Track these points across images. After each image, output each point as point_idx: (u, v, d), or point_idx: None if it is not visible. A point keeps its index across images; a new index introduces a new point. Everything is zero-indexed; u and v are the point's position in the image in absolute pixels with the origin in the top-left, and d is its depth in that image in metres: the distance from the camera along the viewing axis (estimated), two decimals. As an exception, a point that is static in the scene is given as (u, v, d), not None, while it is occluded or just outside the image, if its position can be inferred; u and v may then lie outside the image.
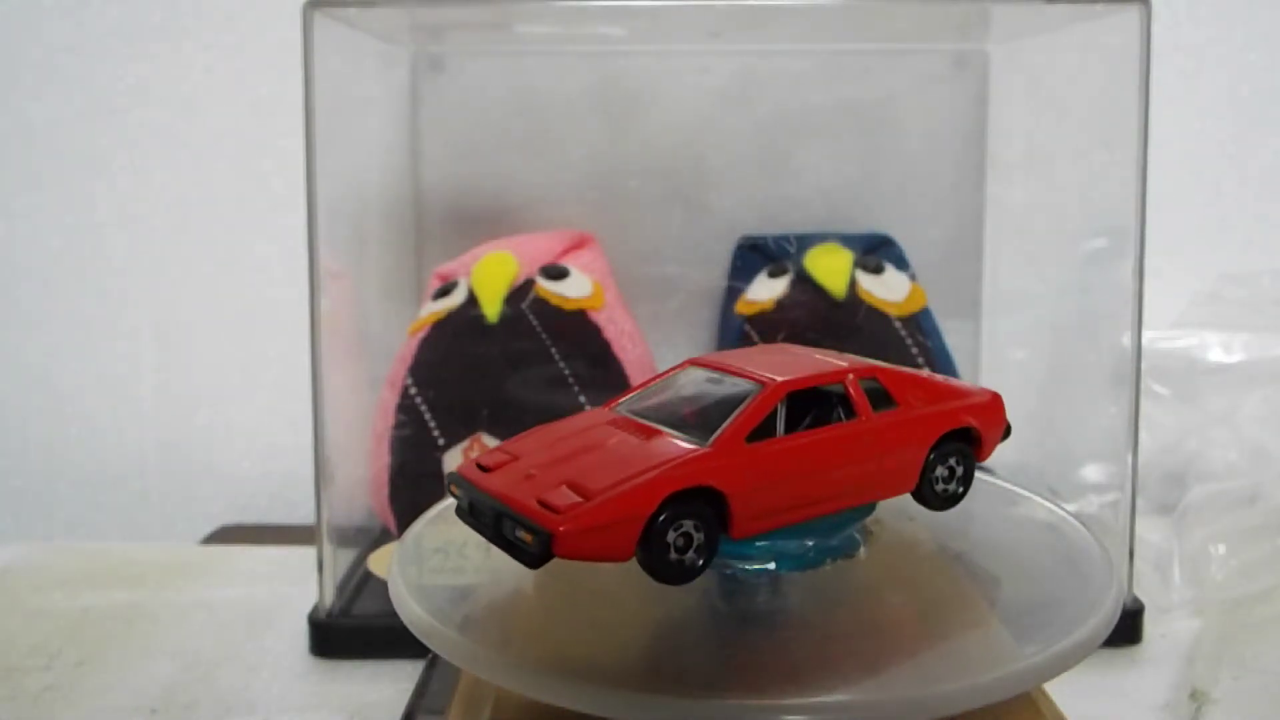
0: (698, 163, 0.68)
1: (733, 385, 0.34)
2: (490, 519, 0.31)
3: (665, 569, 0.31)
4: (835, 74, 0.67)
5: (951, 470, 0.36)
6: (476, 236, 0.64)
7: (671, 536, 0.30)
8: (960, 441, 0.36)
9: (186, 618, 0.56)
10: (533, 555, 0.29)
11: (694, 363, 0.37)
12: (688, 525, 0.30)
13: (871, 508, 0.36)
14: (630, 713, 0.28)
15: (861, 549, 0.36)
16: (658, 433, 0.33)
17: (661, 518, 0.30)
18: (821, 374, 0.34)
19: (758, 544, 0.34)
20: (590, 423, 0.35)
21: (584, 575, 0.36)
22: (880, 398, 0.35)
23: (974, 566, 0.36)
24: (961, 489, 0.36)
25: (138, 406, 0.77)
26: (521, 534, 0.30)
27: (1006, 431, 0.37)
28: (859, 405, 0.34)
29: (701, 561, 0.31)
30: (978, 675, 0.29)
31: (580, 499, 0.29)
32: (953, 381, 0.37)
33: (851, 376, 0.34)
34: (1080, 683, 0.48)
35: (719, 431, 0.32)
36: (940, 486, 0.36)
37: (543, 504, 0.30)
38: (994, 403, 0.37)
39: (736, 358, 0.37)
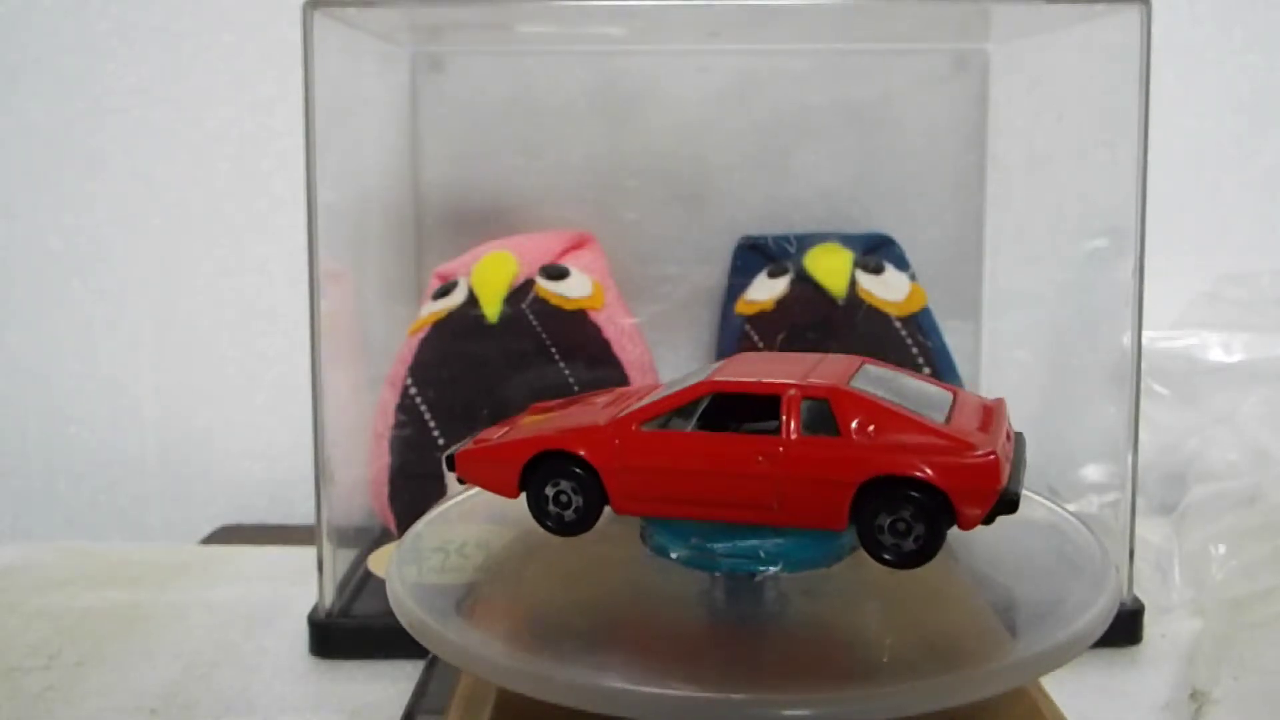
0: (698, 163, 0.67)
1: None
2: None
3: (542, 517, 0.35)
4: (835, 74, 0.67)
5: (908, 525, 0.31)
6: (476, 236, 0.64)
7: (551, 491, 0.35)
8: (921, 495, 0.31)
9: (186, 618, 0.56)
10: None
11: (735, 358, 0.38)
12: (565, 486, 0.34)
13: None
14: (631, 711, 0.28)
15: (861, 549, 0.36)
16: (613, 405, 0.36)
17: (536, 471, 0.35)
18: (758, 383, 0.34)
19: (757, 545, 0.34)
20: (608, 392, 0.40)
21: (585, 577, 0.36)
22: (826, 421, 0.33)
23: (973, 565, 0.36)
24: (914, 550, 0.31)
25: (138, 406, 0.77)
26: None
27: (1006, 503, 0.31)
28: (785, 423, 0.32)
29: (576, 521, 0.35)
30: (972, 669, 0.29)
31: (488, 440, 0.36)
32: (942, 428, 0.32)
33: (793, 393, 0.33)
34: (1080, 683, 0.48)
35: (622, 411, 0.35)
36: (887, 539, 0.31)
37: (475, 439, 0.37)
38: (980, 466, 0.30)
39: (753, 359, 0.37)
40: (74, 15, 0.74)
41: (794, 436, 0.32)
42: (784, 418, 0.33)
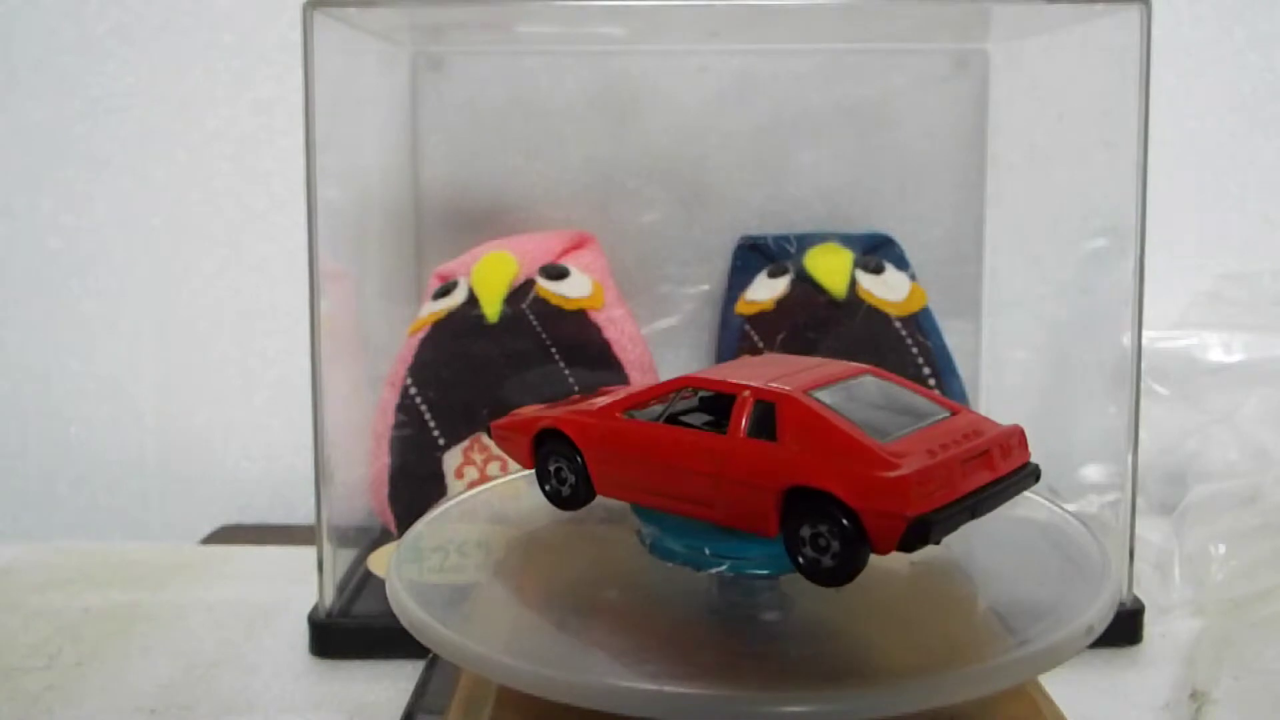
0: (698, 163, 0.67)
1: None
2: None
3: (544, 488, 0.38)
4: (835, 74, 0.67)
5: (826, 541, 0.30)
6: (476, 236, 0.64)
7: (552, 467, 0.38)
8: (836, 510, 0.30)
9: (186, 618, 0.56)
10: None
11: (745, 359, 0.39)
12: (562, 463, 0.37)
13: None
14: (631, 709, 0.28)
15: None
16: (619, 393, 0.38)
17: (541, 447, 0.38)
18: (721, 381, 0.34)
19: (704, 542, 0.34)
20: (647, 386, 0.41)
21: (585, 575, 0.36)
22: (770, 427, 0.32)
23: (972, 565, 0.36)
24: (831, 568, 0.30)
25: (138, 406, 0.77)
26: None
27: (918, 531, 0.29)
28: (732, 424, 0.33)
29: (571, 496, 0.37)
30: (970, 667, 0.29)
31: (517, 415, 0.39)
32: (873, 444, 0.30)
33: (746, 394, 0.33)
34: (1080, 683, 0.48)
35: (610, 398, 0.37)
36: (808, 553, 0.31)
37: (512, 413, 0.40)
38: (884, 486, 0.29)
39: (758, 361, 0.38)
40: (73, 15, 0.74)
41: (739, 437, 0.33)
42: (733, 418, 0.33)
